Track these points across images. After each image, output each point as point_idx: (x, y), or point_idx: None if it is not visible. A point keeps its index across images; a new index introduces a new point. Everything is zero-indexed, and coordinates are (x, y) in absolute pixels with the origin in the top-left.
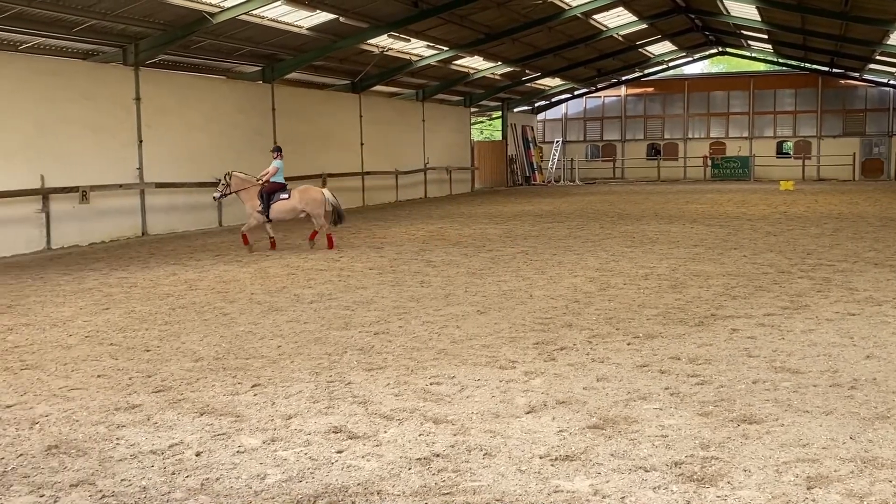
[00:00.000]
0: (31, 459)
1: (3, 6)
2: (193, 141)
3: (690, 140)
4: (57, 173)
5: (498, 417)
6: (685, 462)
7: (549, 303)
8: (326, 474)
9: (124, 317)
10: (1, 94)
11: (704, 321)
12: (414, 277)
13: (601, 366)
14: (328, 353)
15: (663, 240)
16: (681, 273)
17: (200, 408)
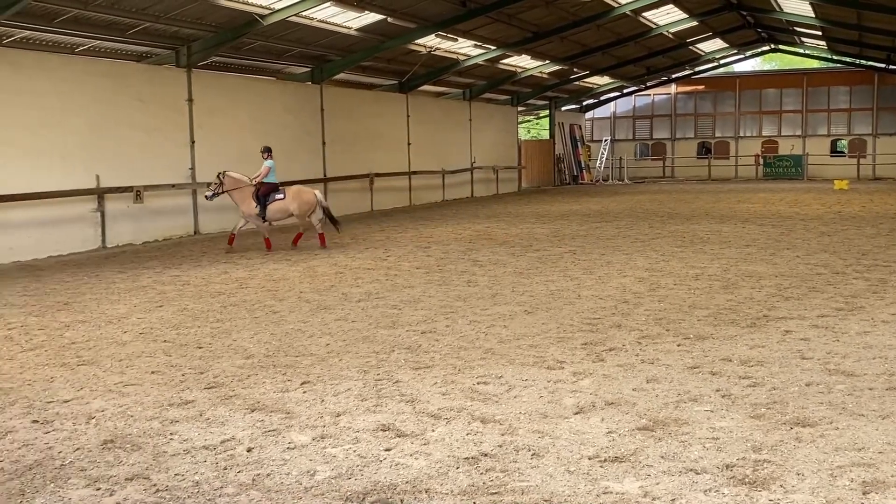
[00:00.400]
0: (87, 453)
1: (60, 10)
2: (244, 141)
3: (742, 138)
4: (112, 173)
5: (546, 418)
6: (737, 465)
7: (597, 303)
8: (375, 472)
9: (177, 314)
10: (58, 96)
11: (756, 322)
12: (461, 277)
13: (651, 367)
14: (376, 351)
15: (714, 240)
16: (732, 273)
17: (251, 404)
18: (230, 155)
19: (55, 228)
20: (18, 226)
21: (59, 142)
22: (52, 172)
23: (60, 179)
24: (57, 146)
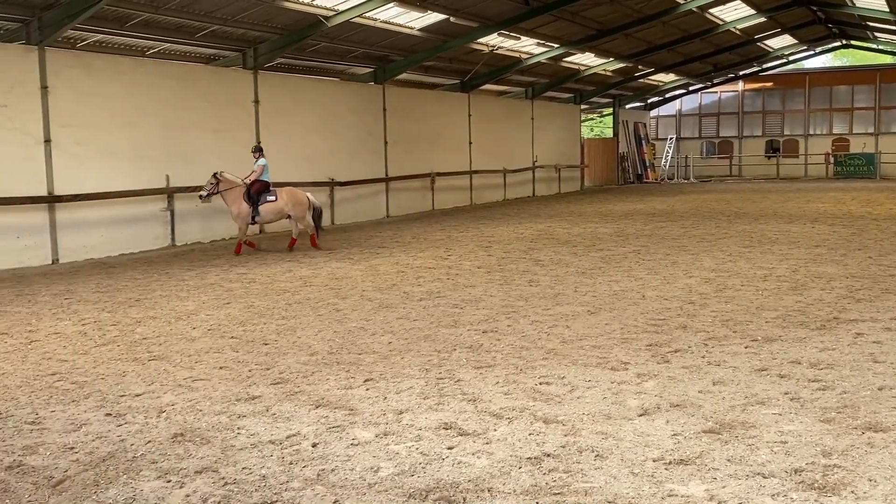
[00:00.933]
0: (158, 446)
1: (131, 13)
2: (308, 141)
3: (811, 136)
4: (181, 173)
5: (609, 419)
6: (806, 469)
7: (662, 304)
8: (438, 469)
9: (244, 311)
10: (130, 98)
11: (827, 324)
12: (522, 276)
13: (717, 369)
14: (437, 350)
15: (783, 240)
16: (802, 274)
17: (316, 400)
18: (295, 154)
19: (127, 227)
20: (92, 224)
21: (130, 142)
22: (124, 172)
23: (132, 179)
24: (129, 147)
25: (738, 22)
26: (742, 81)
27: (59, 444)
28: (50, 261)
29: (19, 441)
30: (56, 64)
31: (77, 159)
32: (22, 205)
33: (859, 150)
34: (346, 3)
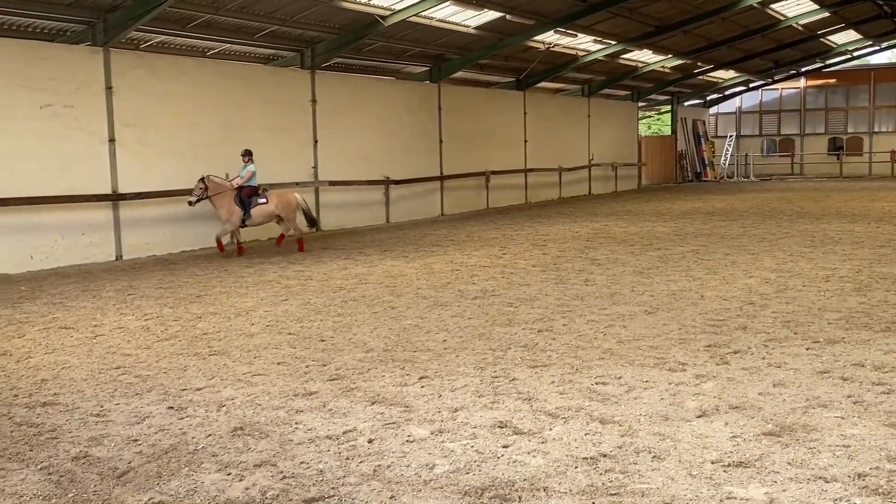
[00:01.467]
0: (218, 440)
1: (192, 15)
2: (364, 140)
3: (876, 134)
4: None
5: (667, 420)
6: (869, 474)
7: (721, 304)
8: (493, 468)
9: (301, 308)
10: (191, 98)
11: (891, 327)
12: (578, 275)
13: (778, 371)
14: (492, 348)
15: (846, 240)
16: (865, 275)
17: (372, 397)
18: (351, 153)
19: (188, 225)
20: (154, 222)
21: (191, 141)
22: (185, 171)
23: (193, 178)
24: (190, 146)
25: (800, 17)
26: (804, 78)
27: (123, 436)
28: (114, 257)
29: (85, 433)
30: (120, 65)
31: (140, 158)
32: (87, 203)
33: None
34: (402, 3)
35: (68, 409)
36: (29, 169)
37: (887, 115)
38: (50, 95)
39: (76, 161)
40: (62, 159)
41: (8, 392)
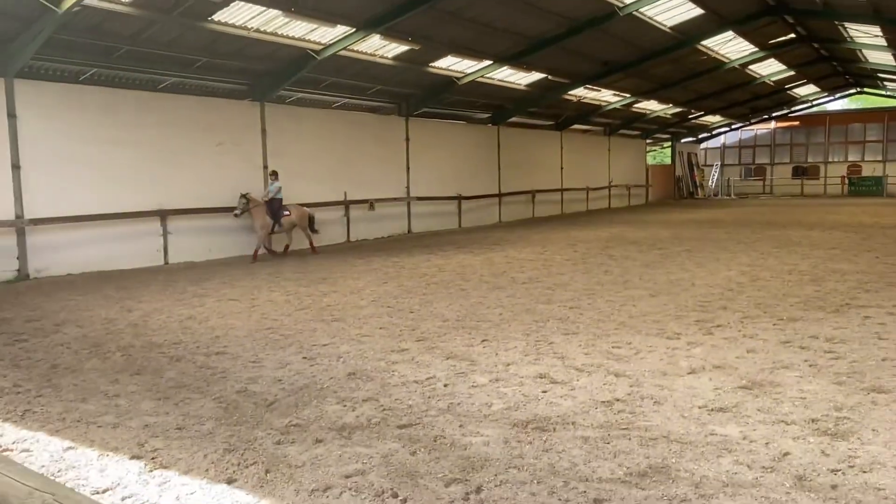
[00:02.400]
0: (337, 381)
1: (322, 78)
2: (443, 167)
3: (830, 163)
4: (354, 191)
5: (665, 375)
6: (820, 419)
7: (707, 290)
8: (535, 407)
9: (396, 288)
10: (319, 137)
11: (840, 309)
12: (599, 267)
13: (751, 341)
14: (535, 320)
15: (805, 243)
16: (820, 270)
17: (447, 353)
18: (433, 177)
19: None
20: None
21: (320, 169)
22: (316, 189)
23: (321, 194)
24: (318, 172)
25: (771, 75)
26: (774, 121)
27: (271, 377)
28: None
29: (245, 374)
30: (271, 114)
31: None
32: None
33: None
34: (472, 68)
35: (233, 357)
36: (207, 188)
37: (838, 149)
38: (223, 136)
39: (241, 181)
40: (230, 182)
41: (192, 344)
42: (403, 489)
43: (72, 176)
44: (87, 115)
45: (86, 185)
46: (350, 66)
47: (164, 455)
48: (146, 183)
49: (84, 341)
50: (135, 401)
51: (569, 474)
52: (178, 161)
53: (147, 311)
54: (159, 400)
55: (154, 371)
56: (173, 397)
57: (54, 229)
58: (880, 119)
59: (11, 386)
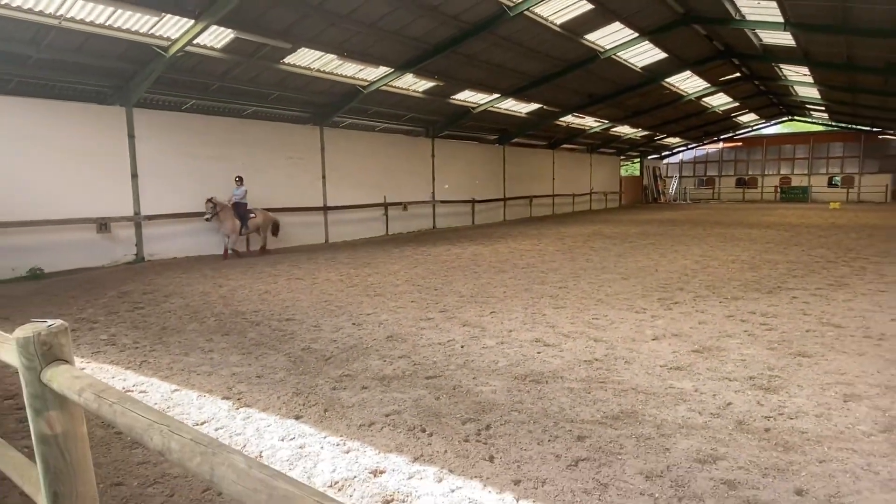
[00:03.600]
0: (378, 342)
1: (367, 108)
2: (461, 178)
3: (766, 175)
4: (392, 195)
5: (634, 341)
6: (756, 377)
7: (668, 275)
8: (532, 364)
9: (424, 271)
10: (365, 154)
11: (773, 291)
12: (582, 256)
13: (701, 314)
14: (532, 297)
15: (745, 238)
16: (757, 260)
17: (463, 322)
18: (453, 185)
19: (364, 224)
20: (346, 222)
21: (366, 178)
22: (364, 194)
23: (368, 198)
24: (365, 180)
25: (720, 106)
26: (722, 142)
27: (328, 339)
28: (323, 241)
29: (308, 336)
30: (328, 136)
31: (338, 186)
32: (311, 211)
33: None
34: (484, 100)
35: (299, 322)
36: (280, 192)
37: (772, 165)
38: (291, 153)
39: (304, 188)
40: (298, 188)
41: (268, 312)
42: (430, 425)
43: (176, 183)
44: (187, 136)
45: (186, 189)
46: (389, 98)
47: (247, 397)
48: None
49: (186, 309)
50: (224, 355)
51: (558, 416)
52: (258, 171)
53: (233, 286)
54: (243, 354)
55: (239, 332)
56: (254, 352)
57: (163, 223)
58: (806, 141)
59: (132, 342)
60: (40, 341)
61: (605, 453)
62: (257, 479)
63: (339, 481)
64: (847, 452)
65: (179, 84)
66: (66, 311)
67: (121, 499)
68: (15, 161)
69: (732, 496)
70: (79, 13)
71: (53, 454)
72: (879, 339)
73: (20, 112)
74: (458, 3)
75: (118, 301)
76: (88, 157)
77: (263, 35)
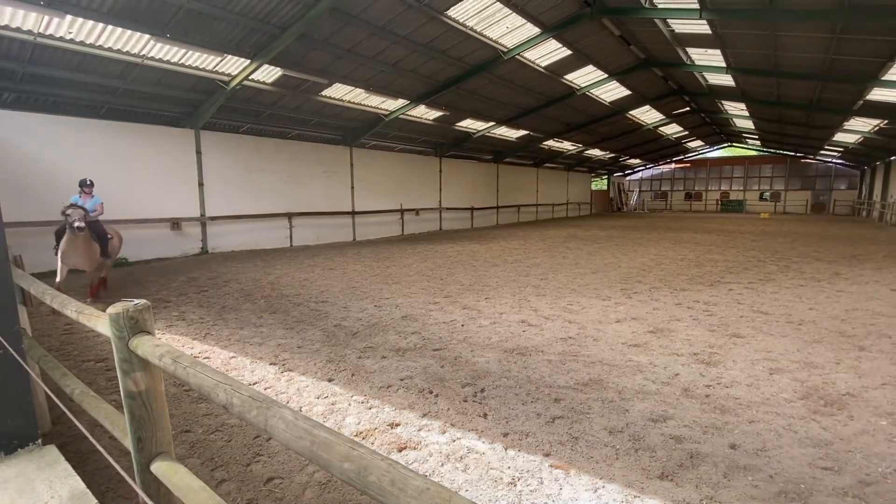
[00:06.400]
0: (396, 321)
1: (388, 132)
2: (462, 188)
3: (709, 191)
4: (407, 202)
5: (601, 323)
6: (699, 353)
7: (629, 270)
8: (518, 341)
9: (431, 264)
10: (385, 169)
11: (714, 284)
12: (560, 254)
13: (656, 302)
14: (519, 286)
15: (691, 241)
16: (701, 259)
17: (463, 305)
18: (457, 194)
19: (383, 225)
20: (370, 224)
21: (387, 189)
22: (385, 201)
23: (387, 204)
24: (385, 190)
25: (673, 133)
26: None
27: (354, 318)
28: (351, 239)
29: (338, 315)
30: (357, 155)
31: (363, 195)
32: (342, 215)
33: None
34: (483, 126)
35: (332, 304)
36: (317, 199)
37: (714, 182)
38: (326, 168)
39: (336, 197)
40: (330, 198)
41: (307, 296)
42: (436, 388)
43: (234, 190)
44: (243, 153)
45: (243, 196)
46: (405, 124)
47: (290, 363)
48: (279, 195)
49: (241, 292)
50: (272, 329)
51: (539, 382)
52: (300, 182)
53: (279, 274)
54: (287, 329)
55: (284, 311)
56: (295, 328)
57: (223, 223)
58: (742, 163)
59: (198, 318)
60: (128, 316)
61: (577, 413)
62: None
63: (364, 431)
64: (772, 415)
65: (237, 111)
66: (144, 293)
67: (189, 443)
68: (107, 172)
69: (679, 448)
70: (157, 53)
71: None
72: (799, 324)
73: (112, 133)
74: (463, 49)
75: (187, 285)
76: (164, 169)
77: (305, 72)
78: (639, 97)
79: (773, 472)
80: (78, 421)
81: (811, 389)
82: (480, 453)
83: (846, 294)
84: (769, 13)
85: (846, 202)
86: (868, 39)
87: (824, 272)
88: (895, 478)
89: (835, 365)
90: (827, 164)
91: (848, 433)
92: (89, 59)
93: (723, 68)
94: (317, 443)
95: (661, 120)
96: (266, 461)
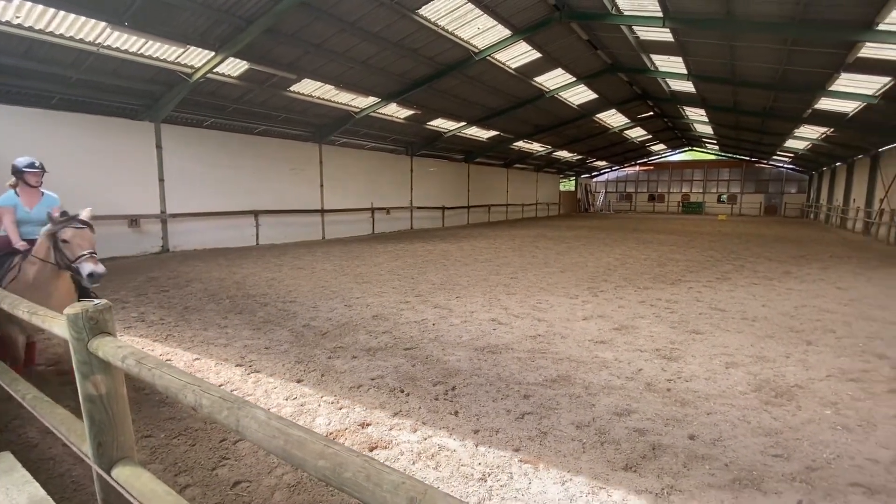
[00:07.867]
0: (366, 320)
1: (360, 130)
2: (432, 188)
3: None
4: (378, 201)
5: (569, 321)
6: (661, 349)
7: (595, 269)
8: (489, 339)
9: (402, 263)
10: (356, 167)
11: (675, 282)
12: (529, 253)
13: (621, 300)
14: (490, 286)
15: (655, 241)
16: (663, 258)
17: (434, 304)
18: (428, 193)
19: (352, 224)
20: (341, 223)
21: (357, 187)
22: (354, 200)
23: (358, 203)
24: (356, 188)
25: (637, 137)
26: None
27: (324, 317)
28: (320, 238)
29: (307, 314)
30: (326, 152)
31: (333, 193)
32: (309, 213)
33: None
34: (454, 126)
35: (300, 304)
36: (285, 197)
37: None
38: (295, 165)
39: (304, 196)
40: (299, 195)
41: (274, 295)
42: (407, 387)
43: (197, 186)
44: (206, 149)
45: (207, 192)
46: (376, 122)
47: (257, 364)
48: (245, 192)
49: (205, 292)
50: (238, 330)
51: (509, 380)
52: (267, 179)
53: (245, 273)
54: (254, 330)
55: (250, 312)
56: (262, 328)
57: (186, 220)
58: (702, 167)
59: (158, 319)
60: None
61: (545, 408)
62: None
63: (334, 432)
64: (728, 407)
65: (201, 105)
66: (100, 292)
67: (151, 448)
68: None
69: (642, 440)
70: (115, 42)
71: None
72: (753, 321)
73: (64, 124)
74: (434, 48)
75: (146, 285)
76: (122, 164)
77: (273, 67)
78: (605, 101)
79: (728, 461)
80: (31, 427)
81: (763, 382)
82: (451, 450)
83: (795, 292)
84: (727, 24)
85: (796, 205)
86: (817, 52)
87: (776, 271)
88: (839, 463)
89: (785, 359)
90: (779, 168)
91: (796, 422)
92: (38, 46)
93: (684, 75)
94: (291, 441)
95: (627, 123)
96: (233, 465)
